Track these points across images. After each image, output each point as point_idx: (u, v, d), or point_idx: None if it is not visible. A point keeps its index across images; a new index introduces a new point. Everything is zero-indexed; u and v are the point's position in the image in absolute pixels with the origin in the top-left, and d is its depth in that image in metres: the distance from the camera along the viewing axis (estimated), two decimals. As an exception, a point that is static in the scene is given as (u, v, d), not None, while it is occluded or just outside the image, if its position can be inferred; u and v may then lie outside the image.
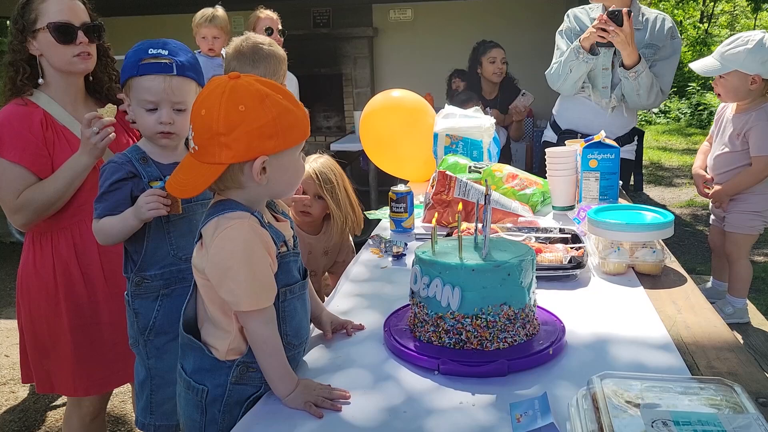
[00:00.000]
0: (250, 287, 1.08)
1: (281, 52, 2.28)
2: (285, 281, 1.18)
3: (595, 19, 2.88)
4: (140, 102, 1.51)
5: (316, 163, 2.26)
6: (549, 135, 3.25)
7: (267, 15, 3.75)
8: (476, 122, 2.75)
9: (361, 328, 1.42)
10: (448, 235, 1.93)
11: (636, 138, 3.10)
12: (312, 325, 1.41)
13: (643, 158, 9.71)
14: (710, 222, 3.03)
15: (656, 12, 3.05)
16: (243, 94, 1.04)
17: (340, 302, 1.61)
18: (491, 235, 1.38)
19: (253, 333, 1.11)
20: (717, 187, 2.78)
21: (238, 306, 1.10)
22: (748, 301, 2.96)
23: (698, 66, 2.71)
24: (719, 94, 2.71)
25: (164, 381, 1.56)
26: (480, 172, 2.44)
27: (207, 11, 3.69)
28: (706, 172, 2.91)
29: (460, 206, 1.36)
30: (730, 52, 2.59)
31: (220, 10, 3.72)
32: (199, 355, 1.17)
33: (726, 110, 2.82)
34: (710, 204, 2.97)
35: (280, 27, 3.78)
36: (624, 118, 3.01)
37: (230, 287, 1.08)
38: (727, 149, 2.72)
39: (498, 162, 2.76)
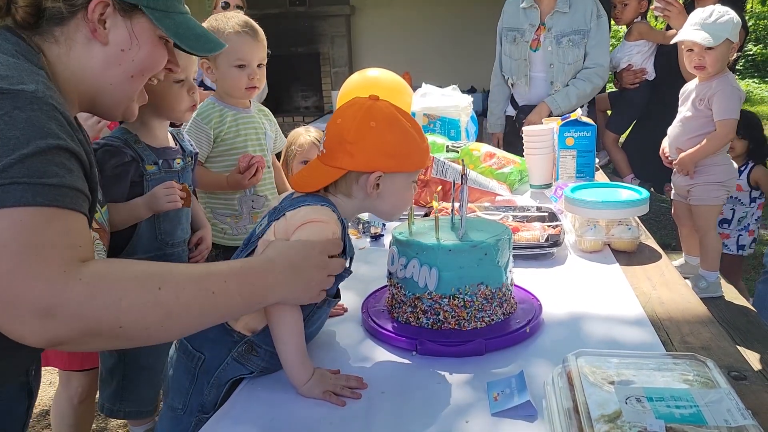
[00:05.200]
0: None
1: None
2: (328, 292, 1.16)
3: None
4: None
5: (311, 133, 2.34)
6: (509, 110, 3.60)
7: None
8: (454, 101, 2.75)
9: (341, 312, 1.42)
10: (426, 215, 1.93)
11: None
12: None
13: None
14: (672, 197, 3.04)
15: None
16: (377, 114, 1.14)
17: (317, 284, 1.60)
18: (468, 215, 1.38)
19: (283, 316, 1.09)
20: (682, 154, 2.78)
21: None
22: (719, 275, 3.01)
23: (701, 37, 2.64)
24: (703, 67, 2.66)
25: (138, 365, 1.55)
26: (458, 152, 2.44)
27: None
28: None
29: (439, 188, 1.35)
30: (719, 23, 2.58)
31: None
32: None
33: (689, 85, 2.82)
34: (672, 179, 2.98)
35: (239, 3, 3.76)
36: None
37: None
38: (689, 113, 2.73)
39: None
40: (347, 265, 1.18)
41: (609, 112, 4.28)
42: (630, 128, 4.37)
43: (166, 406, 1.22)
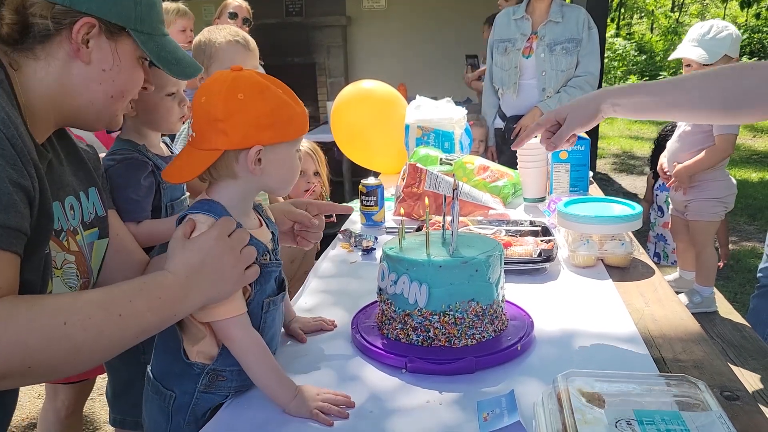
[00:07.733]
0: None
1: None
2: (266, 292, 1.14)
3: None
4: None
5: (305, 143, 2.37)
6: (497, 123, 3.66)
7: (236, 2, 3.81)
8: (447, 113, 2.74)
9: (330, 328, 1.40)
10: (419, 229, 1.92)
11: None
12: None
13: (615, 147, 9.83)
14: (670, 212, 3.05)
15: (572, 5, 3.39)
16: (243, 84, 1.05)
17: (307, 299, 1.58)
18: (460, 230, 1.37)
19: (239, 341, 1.06)
20: (679, 166, 2.77)
21: (215, 316, 1.05)
22: (715, 290, 3.00)
23: (696, 54, 2.62)
24: None
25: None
26: (451, 164, 2.43)
27: (177, 5, 3.71)
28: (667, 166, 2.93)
29: (427, 201, 1.34)
30: (717, 38, 2.57)
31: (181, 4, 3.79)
32: (170, 357, 1.12)
33: None
34: (669, 194, 2.99)
35: (247, 15, 3.77)
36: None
37: None
38: (688, 128, 2.73)
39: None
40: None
41: None
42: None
43: None
